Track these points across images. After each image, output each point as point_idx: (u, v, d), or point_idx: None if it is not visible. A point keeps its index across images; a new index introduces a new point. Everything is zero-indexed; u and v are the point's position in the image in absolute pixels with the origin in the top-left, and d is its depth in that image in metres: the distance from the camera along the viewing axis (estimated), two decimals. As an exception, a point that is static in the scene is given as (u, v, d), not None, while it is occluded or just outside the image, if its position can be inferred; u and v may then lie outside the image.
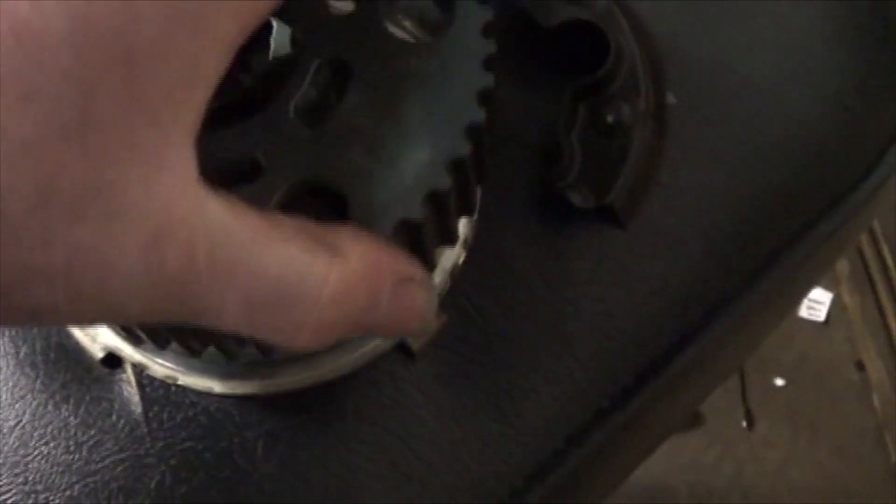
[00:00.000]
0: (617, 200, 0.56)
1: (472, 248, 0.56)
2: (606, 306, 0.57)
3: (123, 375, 0.55)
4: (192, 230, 0.36)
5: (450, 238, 0.49)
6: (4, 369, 0.56)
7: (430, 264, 0.48)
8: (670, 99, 0.59)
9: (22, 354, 0.56)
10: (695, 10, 0.62)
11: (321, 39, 0.47)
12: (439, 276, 0.55)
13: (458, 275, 0.56)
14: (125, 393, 0.55)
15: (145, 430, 0.54)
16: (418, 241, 0.46)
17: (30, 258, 0.34)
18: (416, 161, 0.45)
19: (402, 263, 0.43)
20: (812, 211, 0.61)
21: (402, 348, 0.54)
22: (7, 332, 0.57)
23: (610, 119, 0.56)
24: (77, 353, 0.56)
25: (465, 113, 0.45)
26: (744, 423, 1.37)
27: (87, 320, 0.45)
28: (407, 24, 0.52)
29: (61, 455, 0.55)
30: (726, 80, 0.61)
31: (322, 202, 0.46)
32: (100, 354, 0.55)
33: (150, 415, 0.55)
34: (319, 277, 0.39)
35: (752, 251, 0.61)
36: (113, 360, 0.55)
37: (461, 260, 0.56)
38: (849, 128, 0.62)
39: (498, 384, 0.56)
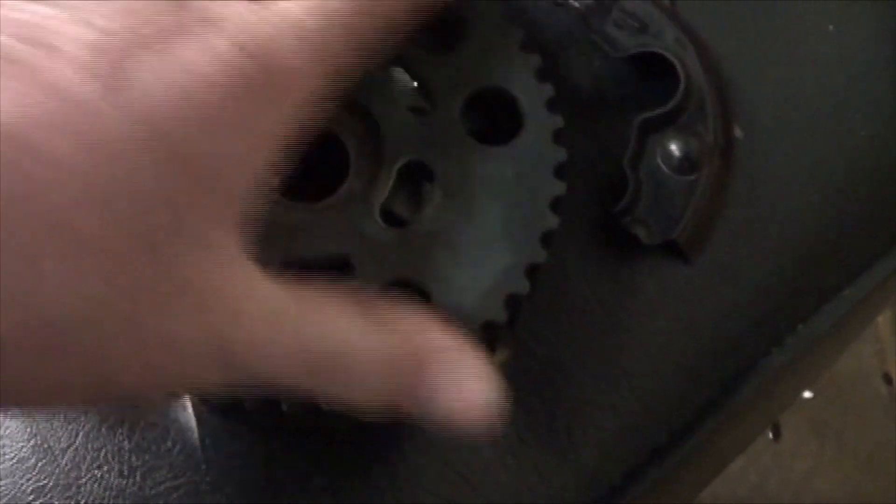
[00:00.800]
0: (683, 236, 0.55)
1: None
2: (667, 340, 0.57)
3: (180, 401, 0.54)
4: (254, 310, 0.39)
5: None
6: (59, 390, 0.55)
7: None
8: (737, 132, 0.58)
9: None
10: (759, 39, 0.62)
11: (403, 140, 0.50)
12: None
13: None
14: (181, 419, 0.54)
15: (201, 457, 0.54)
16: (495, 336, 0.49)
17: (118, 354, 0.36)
18: (497, 266, 0.48)
19: (450, 340, 0.44)
20: (876, 249, 0.60)
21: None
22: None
23: (678, 153, 0.55)
24: (133, 376, 0.55)
25: (540, 220, 0.49)
26: (770, 434, 1.36)
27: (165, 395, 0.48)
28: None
29: (114, 479, 0.54)
30: (792, 110, 0.60)
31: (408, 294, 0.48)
32: (158, 380, 0.54)
33: (206, 442, 0.54)
34: (370, 347, 0.41)
35: (814, 287, 0.60)
36: (170, 385, 0.54)
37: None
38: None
39: (556, 417, 0.55)
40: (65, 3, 0.36)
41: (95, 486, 0.54)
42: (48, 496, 0.54)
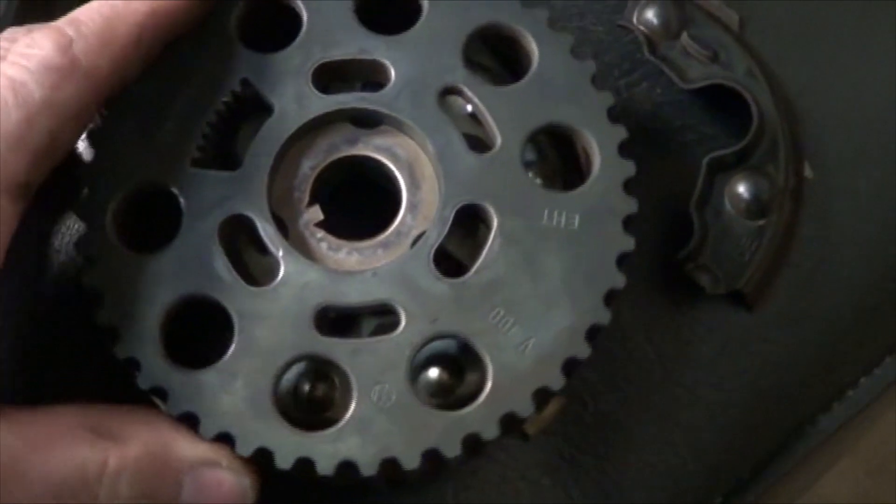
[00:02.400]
0: (748, 285, 0.51)
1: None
2: (726, 394, 0.53)
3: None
4: None
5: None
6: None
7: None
8: (808, 172, 0.54)
9: None
10: (829, 69, 0.57)
11: (460, 180, 0.46)
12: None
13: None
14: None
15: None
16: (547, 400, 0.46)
17: None
18: (556, 325, 0.44)
19: (198, 449, 0.44)
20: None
21: (519, 431, 0.49)
22: None
23: (747, 196, 0.51)
24: None
25: (606, 278, 0.45)
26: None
27: None
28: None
29: None
30: (865, 147, 0.56)
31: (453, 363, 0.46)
32: None
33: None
34: (98, 465, 0.41)
35: (878, 337, 0.56)
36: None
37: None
38: None
39: (606, 474, 0.52)
40: None
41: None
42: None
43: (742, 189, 0.52)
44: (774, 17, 0.56)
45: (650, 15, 0.53)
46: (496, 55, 0.51)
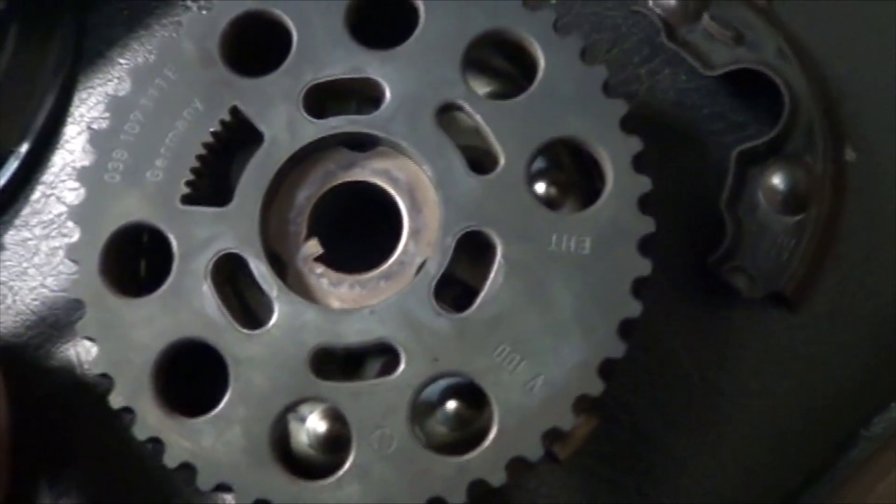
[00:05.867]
0: (789, 286, 0.48)
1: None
2: (772, 402, 0.50)
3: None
4: None
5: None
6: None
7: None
8: (849, 155, 0.50)
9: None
10: (868, 42, 0.53)
11: (461, 205, 0.43)
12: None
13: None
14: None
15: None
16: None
17: None
18: (567, 362, 0.42)
19: None
20: None
21: (549, 454, 0.46)
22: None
23: (784, 189, 0.47)
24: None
25: (619, 307, 0.42)
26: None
27: None
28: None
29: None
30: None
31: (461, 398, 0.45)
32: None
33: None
34: None
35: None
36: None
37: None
38: None
39: (647, 495, 0.49)
40: None
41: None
42: None
43: (777, 181, 0.48)
44: (804, -14, 0.52)
45: (667, -2, 0.49)
46: (509, 59, 0.48)
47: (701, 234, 0.49)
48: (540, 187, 0.46)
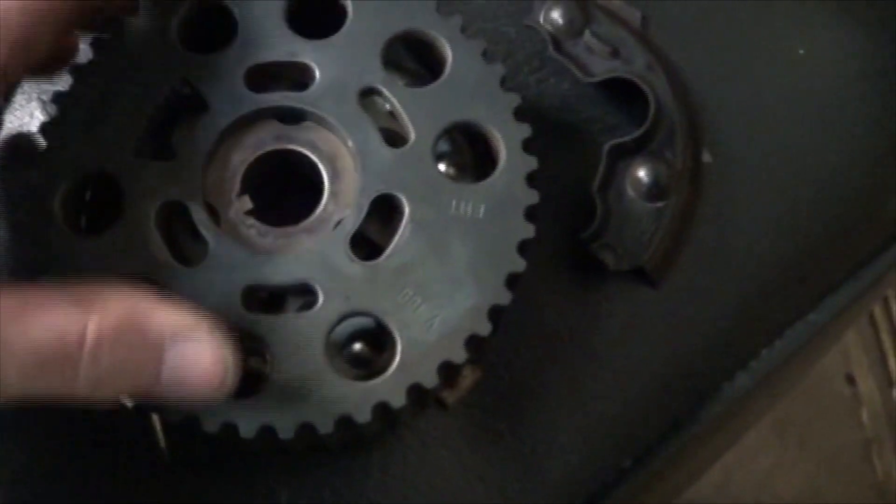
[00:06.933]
0: (651, 262, 0.56)
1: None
2: (633, 364, 0.57)
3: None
4: None
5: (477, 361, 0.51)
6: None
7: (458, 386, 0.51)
8: (706, 157, 0.59)
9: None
10: (729, 63, 0.62)
11: (377, 172, 0.50)
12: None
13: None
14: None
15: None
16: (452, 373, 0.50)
17: None
18: (461, 306, 0.49)
19: (180, 317, 0.45)
20: (842, 273, 0.61)
21: (437, 401, 0.53)
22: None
23: (647, 180, 0.56)
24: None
25: (507, 262, 0.49)
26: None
27: None
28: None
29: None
30: (762, 135, 0.61)
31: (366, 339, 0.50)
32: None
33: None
34: (77, 333, 0.43)
35: (778, 311, 0.61)
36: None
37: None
38: (878, 190, 0.62)
39: (523, 441, 0.56)
40: None
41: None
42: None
43: (642, 173, 0.56)
44: (675, 14, 0.61)
45: (555, 15, 0.58)
46: (417, 58, 0.56)
47: (575, 216, 0.57)
48: (441, 167, 0.53)
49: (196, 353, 0.45)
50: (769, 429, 1.36)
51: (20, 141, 0.49)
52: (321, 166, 0.52)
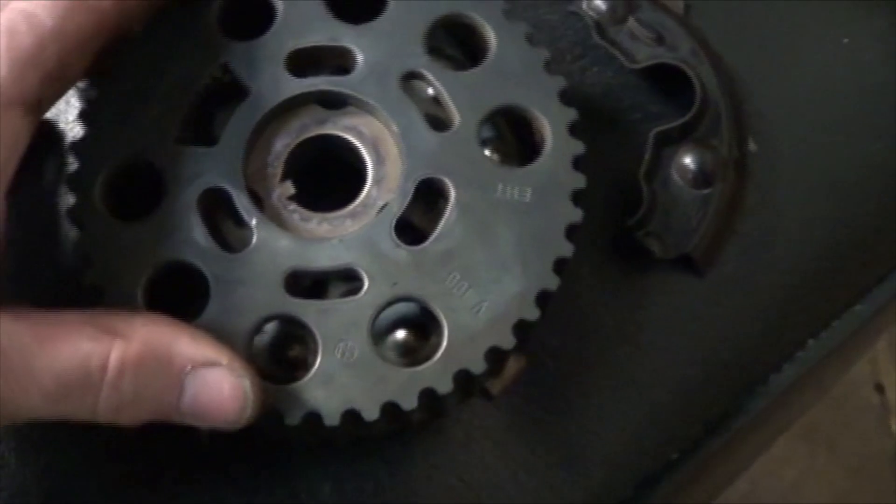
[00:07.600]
0: (696, 250, 0.55)
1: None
2: (678, 354, 0.56)
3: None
4: None
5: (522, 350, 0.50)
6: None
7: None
8: (751, 146, 0.58)
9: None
10: (773, 52, 0.61)
11: (421, 156, 0.50)
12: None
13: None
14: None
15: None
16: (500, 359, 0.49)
17: None
18: (508, 291, 0.48)
19: (199, 348, 0.46)
20: (888, 263, 0.60)
21: (482, 391, 0.52)
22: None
23: (693, 167, 0.55)
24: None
25: (555, 247, 0.48)
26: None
27: None
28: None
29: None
30: (805, 124, 0.60)
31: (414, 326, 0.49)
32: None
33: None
34: (101, 360, 0.44)
35: (824, 302, 0.60)
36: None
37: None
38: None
39: (568, 431, 0.55)
40: None
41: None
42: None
43: (688, 160, 0.55)
44: (717, 2, 0.60)
45: (598, 1, 0.57)
46: (458, 44, 0.55)
47: (621, 203, 0.56)
48: (486, 153, 0.52)
49: (216, 383, 0.45)
50: (797, 437, 1.35)
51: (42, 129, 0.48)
52: (364, 151, 0.51)
